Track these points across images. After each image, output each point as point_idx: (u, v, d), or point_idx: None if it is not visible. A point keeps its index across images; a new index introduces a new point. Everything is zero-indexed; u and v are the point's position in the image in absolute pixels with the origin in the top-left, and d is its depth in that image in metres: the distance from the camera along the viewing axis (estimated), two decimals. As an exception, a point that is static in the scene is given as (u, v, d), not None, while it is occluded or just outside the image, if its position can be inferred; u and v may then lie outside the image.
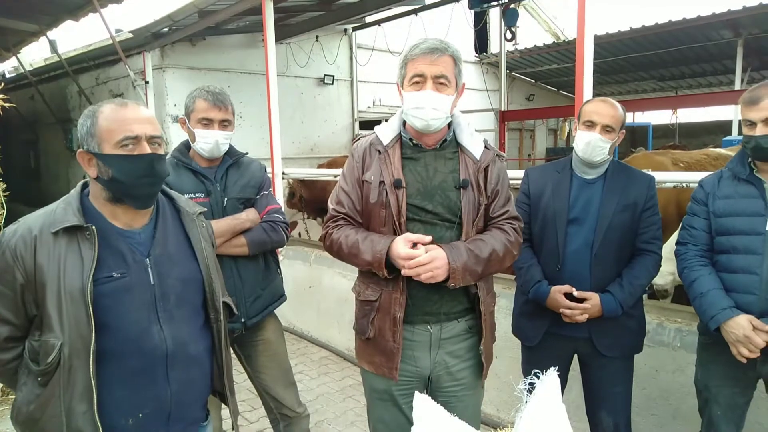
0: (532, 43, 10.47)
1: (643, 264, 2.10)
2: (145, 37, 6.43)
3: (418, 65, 1.65)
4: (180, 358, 1.42)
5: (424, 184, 1.71)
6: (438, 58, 1.64)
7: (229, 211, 2.19)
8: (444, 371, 1.78)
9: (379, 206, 1.70)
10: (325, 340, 4.70)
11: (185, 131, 2.23)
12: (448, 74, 1.66)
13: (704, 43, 9.20)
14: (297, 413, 2.37)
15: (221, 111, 2.15)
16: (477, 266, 1.64)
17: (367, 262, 1.66)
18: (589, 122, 2.06)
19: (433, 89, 1.64)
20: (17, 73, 9.93)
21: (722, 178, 1.99)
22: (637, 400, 2.50)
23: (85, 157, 1.37)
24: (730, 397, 1.98)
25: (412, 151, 1.76)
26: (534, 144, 12.74)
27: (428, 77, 1.64)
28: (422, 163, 1.74)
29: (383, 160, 1.73)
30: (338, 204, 1.79)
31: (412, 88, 1.67)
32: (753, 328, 1.80)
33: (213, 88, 2.18)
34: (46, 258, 1.30)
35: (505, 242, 1.73)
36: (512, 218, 1.80)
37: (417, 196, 1.70)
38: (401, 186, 1.68)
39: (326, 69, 8.31)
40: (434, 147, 1.76)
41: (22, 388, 1.36)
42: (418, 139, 1.76)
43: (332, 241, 1.76)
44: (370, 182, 1.72)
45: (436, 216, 1.70)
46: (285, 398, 2.36)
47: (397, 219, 1.67)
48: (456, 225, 1.71)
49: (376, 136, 1.80)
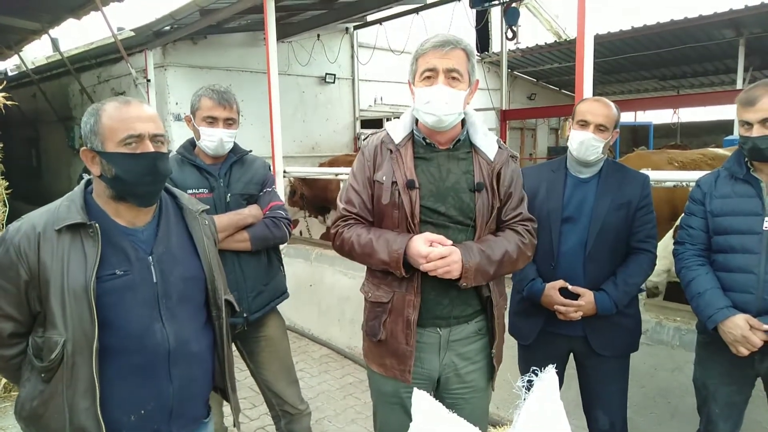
0: (533, 42, 10.46)
1: (638, 263, 2.10)
2: (147, 36, 6.44)
3: (429, 59, 1.59)
4: (182, 355, 1.43)
5: (437, 186, 1.67)
6: (450, 51, 1.58)
7: (232, 207, 2.21)
8: (453, 373, 1.75)
9: (392, 207, 1.66)
10: (326, 338, 4.72)
11: (190, 128, 2.25)
12: (461, 68, 1.60)
13: (706, 43, 9.18)
14: (299, 410, 2.38)
15: (226, 109, 2.18)
16: (489, 267, 1.62)
17: (383, 261, 1.62)
18: (583, 121, 2.07)
19: (445, 84, 1.58)
20: (19, 71, 9.95)
21: (719, 177, 2.00)
22: (635, 398, 2.51)
23: (88, 155, 1.37)
24: (728, 395, 1.98)
25: (425, 151, 1.71)
26: (535, 143, 12.73)
27: (440, 71, 1.58)
28: (435, 164, 1.69)
29: (395, 160, 1.67)
30: (348, 203, 1.74)
31: (423, 83, 1.62)
32: (750, 327, 1.81)
33: (218, 87, 2.21)
34: (49, 255, 1.30)
35: (519, 244, 1.71)
36: (526, 220, 1.78)
37: (430, 198, 1.66)
38: (414, 186, 1.64)
39: (328, 68, 8.31)
40: (447, 147, 1.71)
41: (25, 384, 1.37)
42: (431, 138, 1.70)
43: (343, 241, 1.72)
44: (382, 182, 1.67)
45: (449, 218, 1.67)
46: (287, 395, 2.37)
47: (411, 220, 1.63)
48: (470, 228, 1.68)
49: (387, 134, 1.74)
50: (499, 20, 9.28)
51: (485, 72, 10.73)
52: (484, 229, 1.69)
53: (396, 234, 1.64)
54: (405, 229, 1.65)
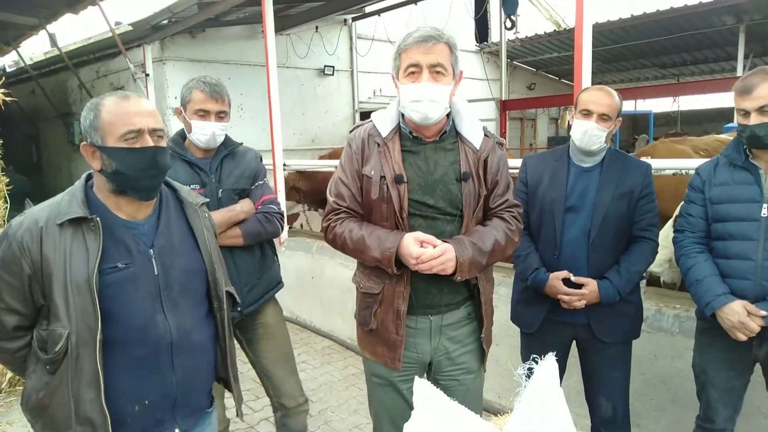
0: (533, 31, 10.42)
1: (640, 251, 2.11)
2: (145, 30, 6.41)
3: (413, 55, 1.59)
4: (184, 346, 1.45)
5: (425, 179, 1.69)
6: (432, 46, 1.58)
7: (224, 202, 2.20)
8: (444, 356, 1.80)
9: (381, 202, 1.68)
10: (328, 330, 4.74)
11: (181, 121, 2.23)
12: (444, 62, 1.60)
13: (706, 30, 9.14)
14: (297, 403, 2.38)
15: (218, 102, 2.15)
16: (481, 258, 1.65)
17: (375, 258, 1.64)
18: (586, 111, 2.07)
19: (429, 80, 1.59)
20: (18, 67, 9.92)
21: (718, 165, 2.00)
22: (636, 385, 2.53)
23: (88, 150, 1.38)
24: (727, 380, 2.00)
25: (412, 144, 1.72)
26: (535, 133, 12.72)
27: (424, 67, 1.59)
28: (422, 157, 1.71)
29: (383, 154, 1.69)
30: (338, 197, 1.76)
31: (408, 79, 1.62)
32: (748, 313, 1.83)
33: (210, 79, 2.17)
34: (52, 249, 1.31)
35: (506, 231, 1.73)
36: (512, 206, 1.80)
37: (418, 191, 1.68)
38: (402, 181, 1.66)
39: (326, 60, 8.29)
40: (434, 139, 1.73)
41: (31, 376, 1.39)
42: (417, 132, 1.72)
43: (335, 236, 1.74)
44: (371, 177, 1.69)
45: (437, 210, 1.69)
46: (284, 384, 2.37)
47: (399, 214, 1.66)
48: (457, 218, 1.70)
49: (373, 126, 1.75)
50: (498, 10, 9.25)
51: (484, 62, 10.70)
52: (471, 218, 1.71)
53: (387, 231, 1.67)
54: (393, 222, 1.68)
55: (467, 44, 10.32)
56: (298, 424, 2.43)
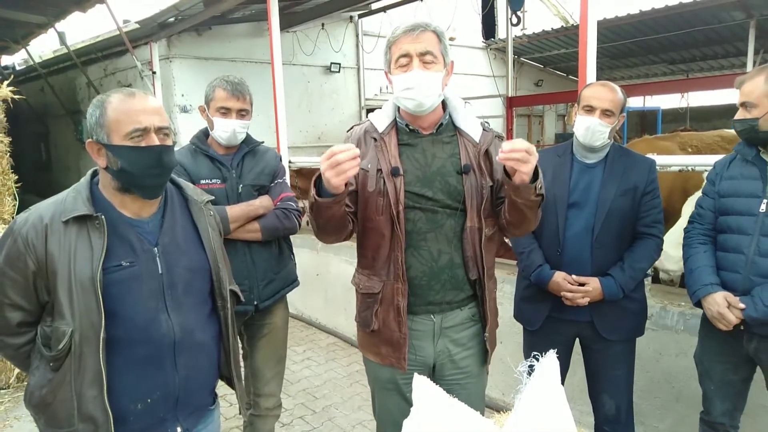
0: (540, 27, 10.35)
1: (645, 247, 2.11)
2: (152, 28, 6.44)
3: (401, 45, 1.61)
4: (187, 345, 1.45)
5: (423, 171, 1.69)
6: (420, 34, 1.59)
7: (244, 197, 2.24)
8: (447, 359, 1.78)
9: (377, 194, 1.68)
10: (333, 327, 4.76)
11: (204, 119, 2.29)
12: (434, 50, 1.61)
13: (715, 25, 9.04)
14: (273, 405, 2.42)
15: (239, 101, 2.21)
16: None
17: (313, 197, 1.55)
18: (589, 107, 2.06)
19: (420, 68, 1.60)
20: (27, 65, 9.99)
21: (734, 159, 2.02)
22: (640, 383, 2.52)
23: (94, 147, 1.38)
24: (723, 372, 2.02)
25: (409, 137, 1.73)
26: (543, 130, 12.64)
27: (413, 55, 1.60)
28: (420, 149, 1.71)
29: (379, 148, 1.70)
30: None
31: (399, 70, 1.63)
32: (728, 305, 1.85)
33: (232, 78, 2.24)
34: (56, 246, 1.32)
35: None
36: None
37: (416, 184, 1.68)
38: (399, 174, 1.66)
39: (332, 57, 8.29)
40: (431, 132, 1.73)
41: (34, 372, 1.40)
42: (414, 124, 1.72)
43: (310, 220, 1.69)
44: (367, 170, 1.69)
45: (436, 203, 1.68)
46: (268, 384, 2.40)
47: (395, 207, 1.65)
48: (459, 211, 1.70)
49: (370, 123, 1.77)
50: (505, 6, 9.19)
51: (491, 59, 10.64)
52: (476, 212, 1.70)
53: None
54: (388, 216, 1.67)
55: (473, 41, 10.28)
56: (266, 426, 2.44)
